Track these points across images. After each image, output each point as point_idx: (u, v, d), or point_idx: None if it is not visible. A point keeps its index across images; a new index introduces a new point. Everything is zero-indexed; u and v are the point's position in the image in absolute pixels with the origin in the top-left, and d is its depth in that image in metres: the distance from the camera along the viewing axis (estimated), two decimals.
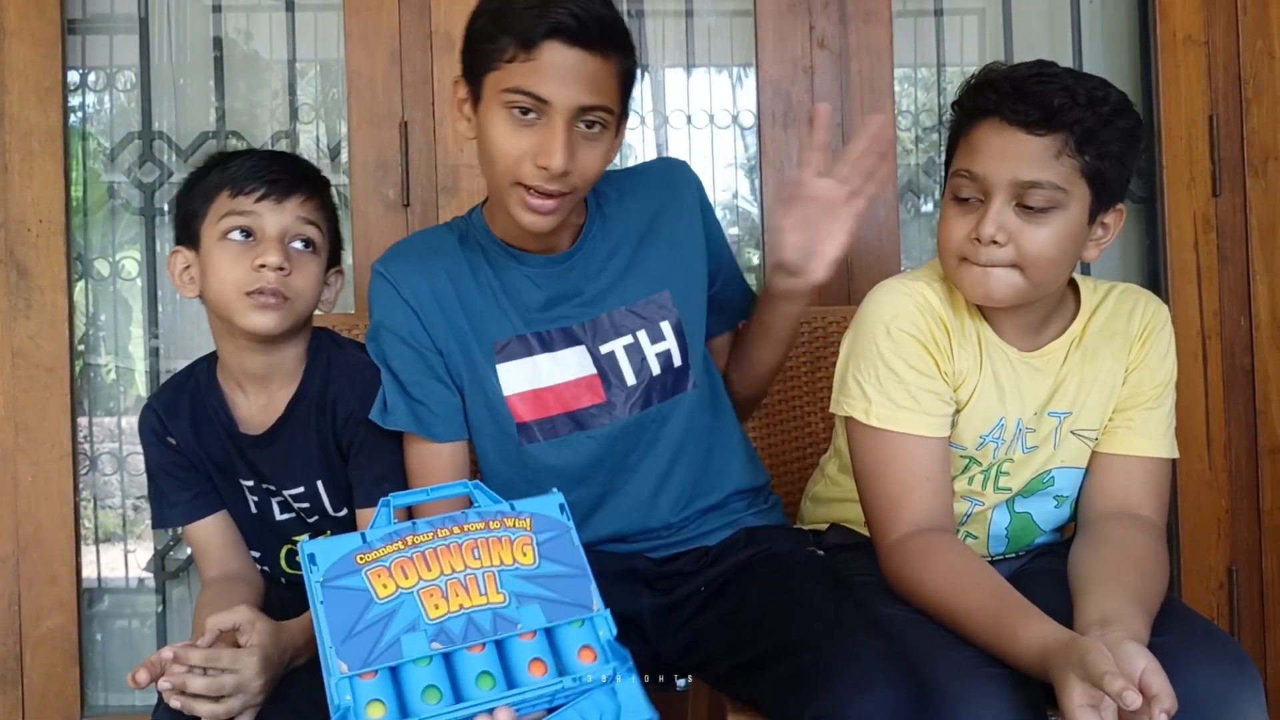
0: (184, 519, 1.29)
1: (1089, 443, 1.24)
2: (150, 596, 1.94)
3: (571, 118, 1.12)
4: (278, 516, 1.30)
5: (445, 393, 1.24)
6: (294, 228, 1.21)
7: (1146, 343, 1.23)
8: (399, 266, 1.25)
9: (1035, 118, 1.09)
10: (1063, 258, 1.13)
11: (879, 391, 1.18)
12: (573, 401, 1.26)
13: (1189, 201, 1.86)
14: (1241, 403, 1.86)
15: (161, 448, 1.29)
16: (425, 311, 1.23)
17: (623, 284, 1.28)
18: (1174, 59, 1.86)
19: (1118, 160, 1.12)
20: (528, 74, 1.11)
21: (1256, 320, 1.86)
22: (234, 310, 1.19)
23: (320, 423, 1.25)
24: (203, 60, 1.93)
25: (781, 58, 1.85)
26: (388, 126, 1.81)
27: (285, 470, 1.27)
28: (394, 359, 1.24)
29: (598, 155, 1.16)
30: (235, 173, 1.21)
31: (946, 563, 1.12)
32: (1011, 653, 1.03)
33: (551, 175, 1.12)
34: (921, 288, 1.21)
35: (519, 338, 1.25)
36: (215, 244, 1.20)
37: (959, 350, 1.20)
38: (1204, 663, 1.02)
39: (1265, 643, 1.86)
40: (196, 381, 1.30)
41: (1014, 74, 1.13)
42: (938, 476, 1.18)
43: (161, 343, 1.94)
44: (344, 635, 0.91)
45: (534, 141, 1.12)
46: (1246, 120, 1.85)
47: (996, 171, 1.11)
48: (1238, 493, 1.87)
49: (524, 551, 0.99)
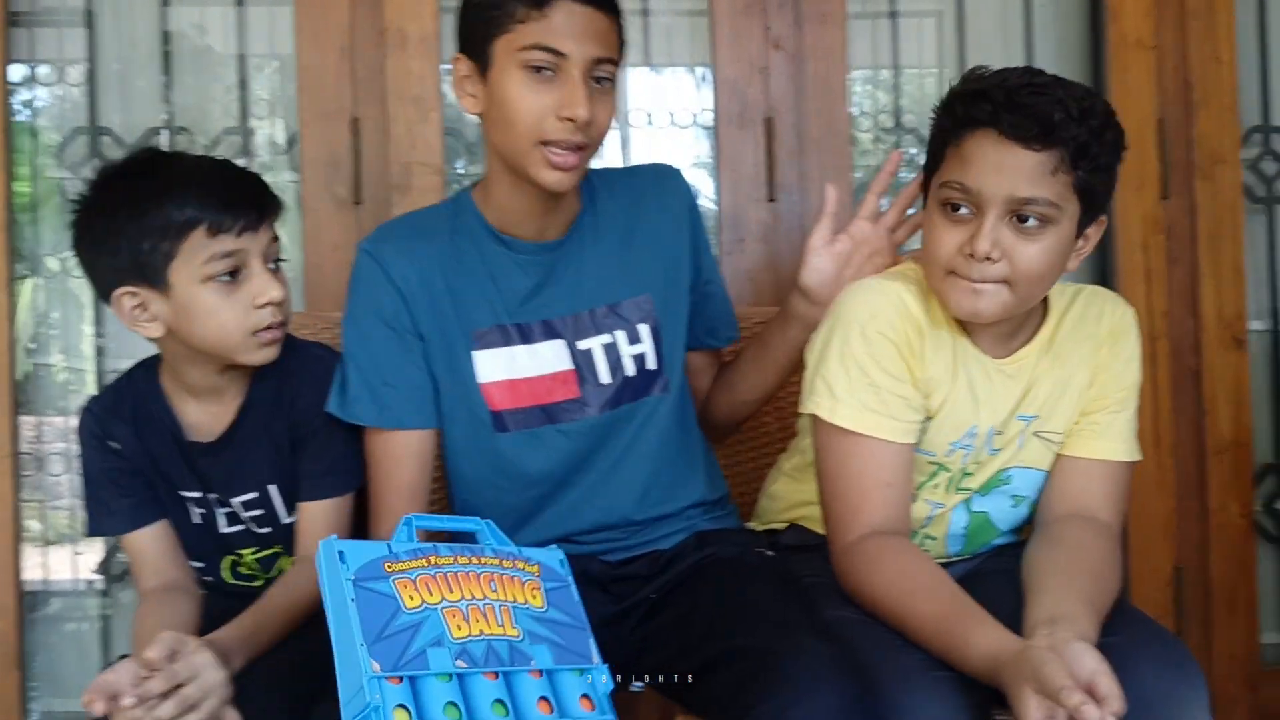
0: (124, 527, 1.25)
1: (1053, 445, 1.24)
2: (97, 599, 1.91)
3: (587, 70, 1.16)
4: (223, 529, 1.27)
5: (420, 379, 1.24)
6: (270, 250, 1.19)
7: (1114, 346, 1.23)
8: (388, 247, 1.25)
9: (1034, 133, 1.06)
10: (1051, 272, 1.13)
11: (849, 392, 1.16)
12: (546, 395, 1.26)
13: (1138, 204, 1.88)
14: (1189, 403, 1.89)
15: (103, 452, 1.25)
16: (411, 293, 1.23)
17: (607, 282, 1.29)
18: (1124, 63, 1.88)
19: (1106, 173, 1.11)
20: (543, 31, 1.14)
21: (1204, 322, 1.88)
22: (236, 351, 1.17)
23: (275, 425, 1.23)
24: (152, 55, 1.90)
25: (737, 58, 1.85)
26: (338, 123, 1.79)
27: (237, 477, 1.24)
28: (374, 344, 1.23)
29: (608, 108, 1.20)
30: (206, 208, 1.13)
31: (898, 567, 1.12)
32: (962, 659, 1.03)
33: (577, 126, 1.15)
34: (899, 289, 1.19)
35: (499, 327, 1.26)
36: (198, 288, 1.14)
37: (933, 356, 1.19)
38: (1150, 663, 1.02)
39: (1211, 641, 1.89)
40: (137, 387, 1.26)
41: (1005, 84, 1.10)
42: (899, 483, 1.17)
43: (108, 341, 1.91)
44: (375, 636, 0.92)
45: (555, 97, 1.15)
46: (1194, 124, 1.88)
47: (992, 186, 1.08)
48: (1185, 492, 1.89)
49: (534, 594, 1.03)
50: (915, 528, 1.24)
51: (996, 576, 1.21)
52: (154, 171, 1.18)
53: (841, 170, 1.86)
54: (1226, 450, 1.89)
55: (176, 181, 1.15)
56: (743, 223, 1.84)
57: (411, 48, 1.79)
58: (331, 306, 1.76)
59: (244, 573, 1.30)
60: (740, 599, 1.18)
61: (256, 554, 1.29)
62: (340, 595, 0.93)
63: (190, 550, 1.30)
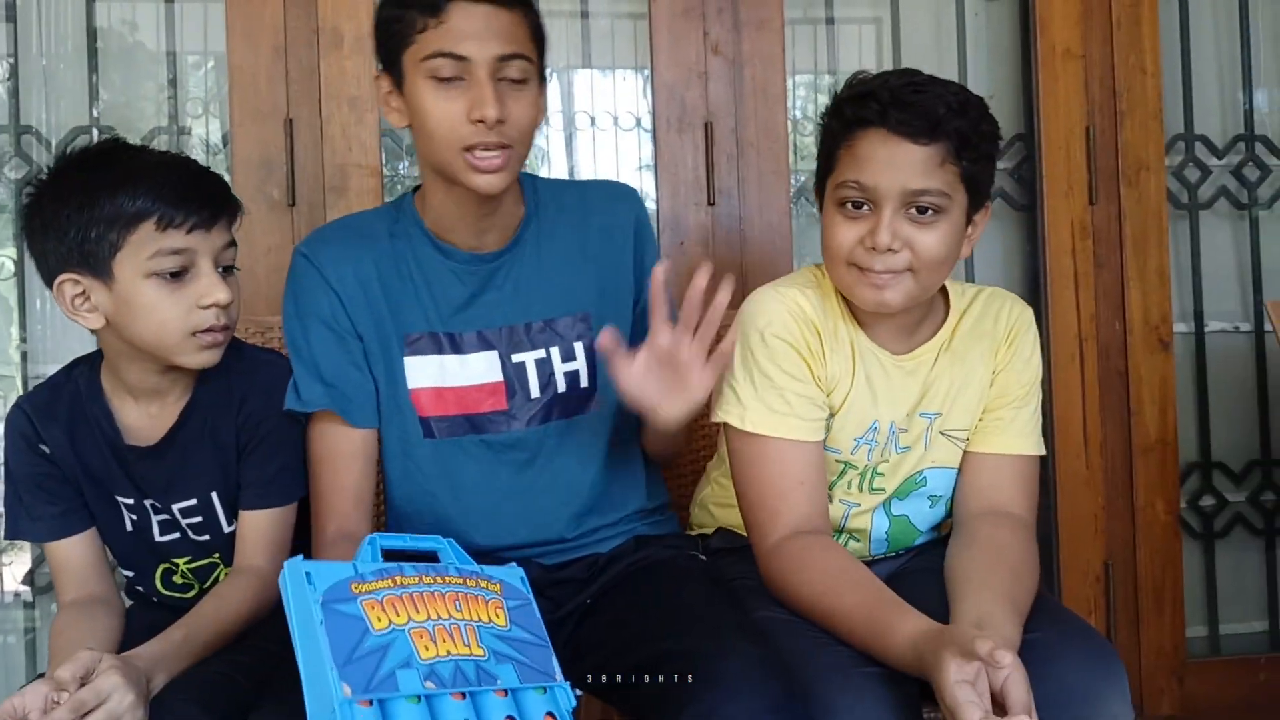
0: (47, 535, 1.21)
1: (959, 443, 1.27)
2: (22, 611, 1.85)
3: (493, 70, 1.14)
4: (159, 537, 1.24)
5: (361, 378, 1.24)
6: (221, 253, 1.16)
7: (1013, 345, 1.26)
8: (325, 250, 1.25)
9: (921, 127, 1.11)
10: (949, 258, 1.17)
11: (755, 398, 1.19)
12: (473, 405, 1.26)
13: (1067, 209, 1.92)
14: (1116, 403, 1.94)
15: (31, 454, 1.21)
16: (348, 296, 1.23)
17: (544, 297, 1.28)
18: (1053, 72, 1.92)
19: (986, 162, 1.17)
20: (441, 37, 1.14)
21: (1130, 324, 1.93)
22: (175, 351, 1.14)
23: (220, 429, 1.20)
24: (80, 51, 1.85)
25: (676, 62, 1.86)
26: (272, 123, 1.76)
27: (176, 482, 1.21)
28: (315, 343, 1.23)
29: (526, 106, 1.17)
30: (158, 201, 1.11)
31: (821, 565, 1.14)
32: (886, 650, 1.04)
33: (489, 126, 1.13)
34: (795, 294, 1.22)
35: (430, 334, 1.25)
36: (142, 282, 1.11)
37: (831, 355, 1.22)
38: (1072, 658, 1.05)
39: (1139, 635, 1.94)
40: (76, 385, 1.22)
41: (889, 84, 1.15)
42: (812, 480, 1.19)
43: (29, 346, 1.85)
44: (345, 659, 0.90)
45: (464, 101, 1.14)
46: (1120, 131, 1.93)
47: (887, 181, 1.13)
48: (1113, 490, 1.94)
49: (497, 613, 1.02)
50: (834, 527, 1.26)
51: (921, 574, 1.23)
52: (112, 161, 1.15)
53: (780, 174, 1.88)
54: (1153, 449, 1.94)
55: (132, 173, 1.12)
56: (682, 226, 1.85)
57: (347, 47, 1.77)
58: (264, 310, 1.73)
59: (178, 583, 1.27)
60: (672, 602, 1.18)
61: (191, 563, 1.26)
62: (308, 618, 0.92)
63: (122, 558, 1.27)
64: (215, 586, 1.21)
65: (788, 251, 1.88)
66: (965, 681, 0.94)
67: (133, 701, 0.98)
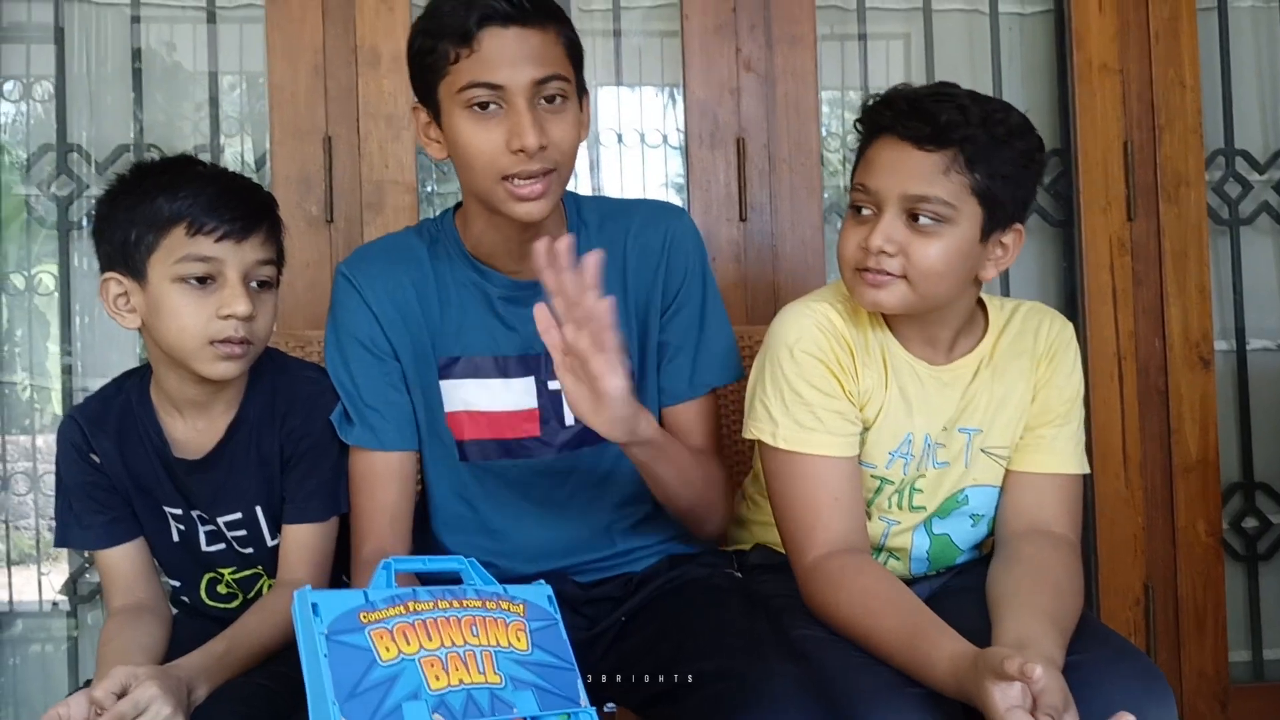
0: (97, 544, 1.23)
1: (1000, 461, 1.26)
2: (63, 620, 1.88)
3: (530, 95, 1.13)
4: (205, 547, 1.25)
5: (399, 399, 1.24)
6: (254, 269, 1.16)
7: (1053, 361, 1.25)
8: (364, 270, 1.24)
9: (925, 133, 1.11)
10: (951, 273, 1.15)
11: (785, 414, 1.19)
12: (508, 430, 1.25)
13: (1104, 225, 1.90)
14: (1156, 422, 1.91)
15: (82, 463, 1.23)
16: (386, 317, 1.23)
17: None
18: (1090, 87, 1.90)
19: (1012, 181, 1.14)
20: (474, 67, 1.12)
21: (1170, 342, 1.91)
22: (194, 358, 1.15)
23: (264, 444, 1.22)
24: (122, 72, 1.89)
25: (708, 80, 1.86)
26: (311, 141, 1.79)
27: (222, 495, 1.22)
28: (352, 362, 1.23)
29: (568, 126, 1.16)
30: (192, 206, 1.13)
31: (860, 585, 1.13)
32: (927, 673, 1.03)
33: (529, 155, 1.12)
34: (824, 308, 1.22)
35: (467, 359, 1.25)
36: (169, 285, 1.14)
37: (863, 369, 1.21)
38: (1118, 680, 1.03)
39: (1180, 659, 1.90)
40: (127, 397, 1.24)
41: (913, 93, 1.16)
42: (848, 496, 1.18)
43: (76, 360, 1.88)
44: (348, 693, 0.89)
45: (503, 130, 1.13)
46: (1159, 147, 1.91)
47: (888, 185, 1.13)
48: (1153, 511, 1.91)
49: (518, 636, 1.00)
50: (874, 545, 1.25)
51: (961, 594, 1.21)
52: (166, 169, 1.19)
53: (812, 190, 1.87)
54: (1194, 469, 1.91)
55: (177, 180, 1.15)
56: (714, 242, 1.85)
57: (384, 66, 1.79)
58: (303, 324, 1.75)
59: (222, 593, 1.29)
60: (710, 620, 1.17)
61: (236, 573, 1.27)
62: (313, 649, 0.91)
63: (168, 568, 1.28)
64: (259, 600, 1.22)
65: (820, 267, 1.87)
66: (1018, 708, 0.93)
67: (170, 712, 0.99)
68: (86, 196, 1.86)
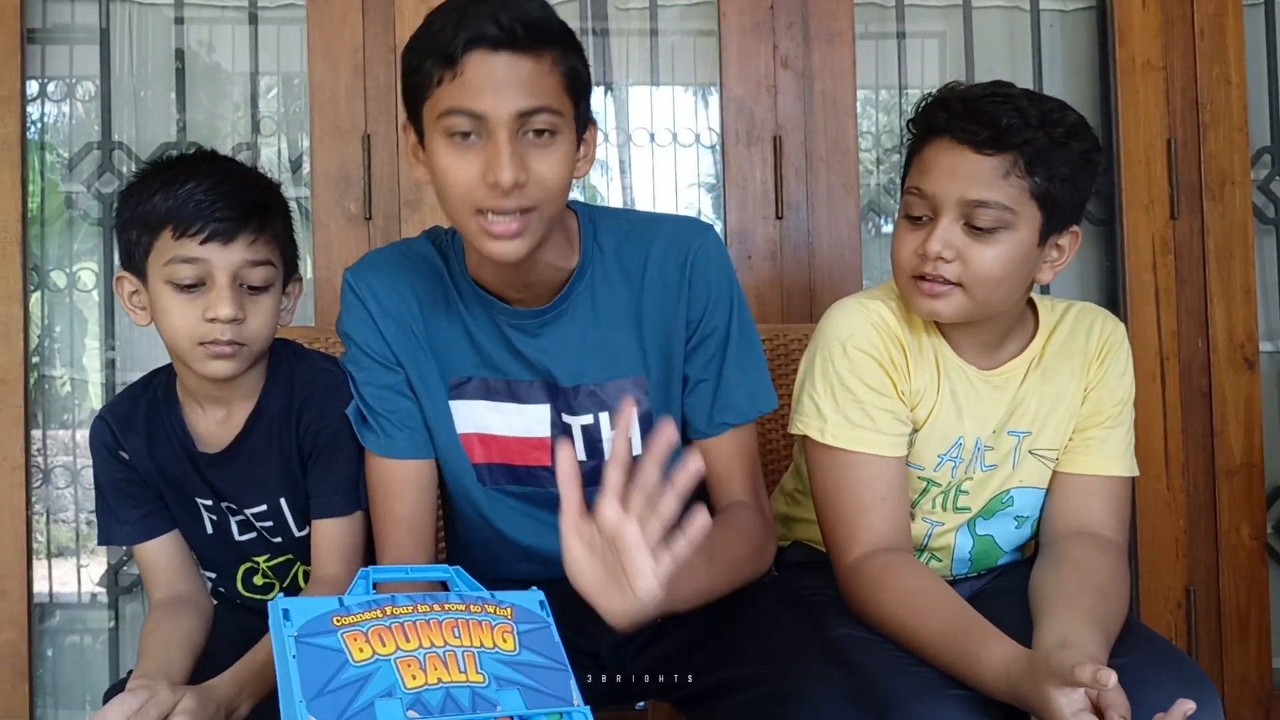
0: (133, 538, 1.24)
1: (1048, 463, 1.24)
2: (103, 612, 1.90)
3: (514, 127, 1.03)
4: (238, 536, 1.26)
5: (409, 407, 1.19)
6: (244, 270, 1.13)
7: (1104, 362, 1.23)
8: (369, 279, 1.19)
9: (984, 137, 1.09)
10: (1010, 278, 1.13)
11: (835, 411, 1.17)
12: (518, 457, 1.21)
13: (1147, 224, 1.88)
14: (1199, 424, 1.88)
15: (113, 462, 1.24)
16: (388, 328, 1.18)
17: (596, 359, 1.19)
18: (1133, 84, 1.88)
19: (1070, 183, 1.12)
20: (457, 92, 1.03)
21: (1214, 342, 1.88)
22: (187, 358, 1.15)
23: (284, 437, 1.21)
24: (164, 72, 1.91)
25: (745, 77, 1.85)
26: (350, 140, 1.80)
27: (246, 488, 1.23)
28: (359, 372, 1.20)
29: (554, 163, 1.06)
30: (181, 207, 1.11)
31: (904, 584, 1.11)
32: (974, 675, 1.02)
33: (504, 191, 1.03)
34: (878, 306, 1.20)
35: (479, 380, 1.20)
36: (162, 288, 1.13)
37: (916, 369, 1.20)
38: (1163, 684, 1.01)
39: (1222, 663, 1.87)
40: (154, 394, 1.25)
41: (969, 94, 1.13)
42: (894, 496, 1.17)
43: (118, 354, 1.91)
44: (316, 691, 0.87)
45: (480, 162, 1.04)
46: (1204, 145, 1.88)
47: (945, 190, 1.11)
48: (1195, 514, 1.88)
49: (504, 638, 0.96)
50: (916, 546, 1.24)
51: (1004, 596, 1.20)
52: (170, 166, 1.17)
53: (849, 188, 1.86)
54: (1238, 472, 1.88)
55: (175, 177, 1.13)
56: (750, 240, 1.85)
57: None
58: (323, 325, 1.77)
59: (259, 583, 1.30)
60: (749, 622, 1.16)
61: (271, 561, 1.28)
62: (282, 653, 0.89)
63: (204, 560, 1.29)
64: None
65: (857, 266, 1.86)
66: (1085, 712, 0.92)
67: None
68: None
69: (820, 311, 1.27)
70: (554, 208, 1.09)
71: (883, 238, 1.99)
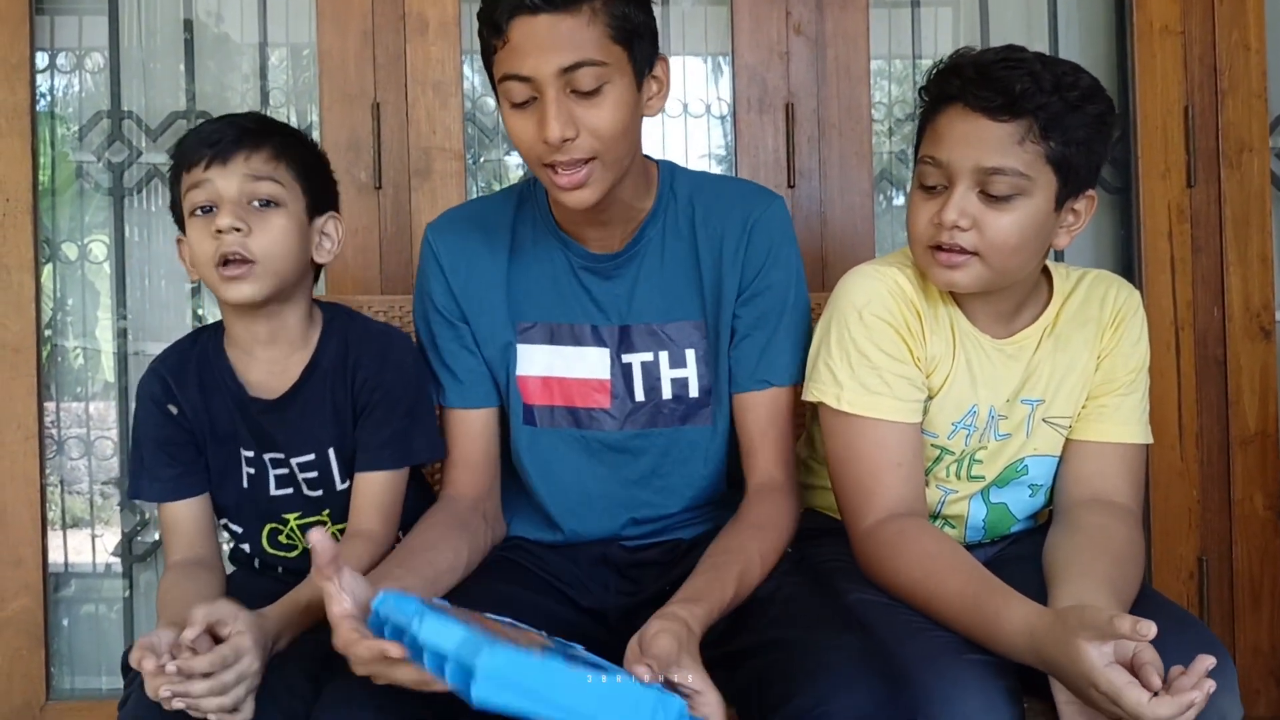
0: (164, 495, 1.26)
1: (1061, 431, 1.24)
2: (117, 581, 1.92)
3: (558, 84, 1.10)
4: (273, 490, 1.28)
5: (473, 361, 1.28)
6: (247, 187, 1.18)
7: (1119, 329, 1.22)
8: (444, 238, 1.28)
9: (998, 103, 1.08)
10: (1027, 245, 1.12)
11: (851, 377, 1.17)
12: (578, 398, 1.27)
13: (1164, 192, 1.86)
14: (1214, 393, 1.87)
15: (158, 416, 1.26)
16: (459, 285, 1.26)
17: (659, 300, 1.26)
18: (1150, 49, 1.85)
19: (1085, 147, 1.11)
20: (508, 58, 1.11)
21: (1229, 311, 1.86)
22: (214, 285, 1.20)
23: (337, 390, 1.25)
24: (173, 42, 1.90)
25: (757, 43, 1.84)
26: (360, 106, 1.79)
27: (296, 437, 1.26)
28: (432, 326, 1.28)
29: (603, 112, 1.12)
30: (186, 146, 1.21)
31: (921, 548, 1.11)
32: (994, 637, 1.02)
33: (555, 146, 1.11)
34: (894, 273, 1.20)
35: (543, 324, 1.27)
36: (189, 224, 1.20)
37: (931, 336, 1.20)
38: (1179, 650, 1.00)
39: (1234, 633, 1.87)
40: (203, 348, 1.28)
41: (980, 59, 1.12)
42: (909, 462, 1.17)
43: (129, 324, 1.91)
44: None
45: (536, 120, 1.12)
46: (1221, 111, 1.86)
47: (960, 158, 1.10)
48: (1209, 483, 1.87)
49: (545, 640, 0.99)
50: (929, 513, 1.24)
51: (1017, 563, 1.20)
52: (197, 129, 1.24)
53: (862, 156, 1.85)
54: (1252, 441, 1.87)
55: (191, 132, 1.23)
56: None
57: (432, 33, 1.78)
58: (352, 289, 1.77)
59: (283, 541, 1.32)
60: (764, 588, 1.16)
61: (301, 519, 1.30)
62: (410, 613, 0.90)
63: (234, 516, 1.31)
64: None
65: (869, 234, 1.85)
66: (1115, 664, 0.92)
67: (259, 668, 1.02)
68: (140, 163, 1.88)
69: (833, 280, 1.26)
70: (616, 152, 1.15)
71: (894, 210, 1.98)
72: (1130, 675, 0.91)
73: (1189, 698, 0.89)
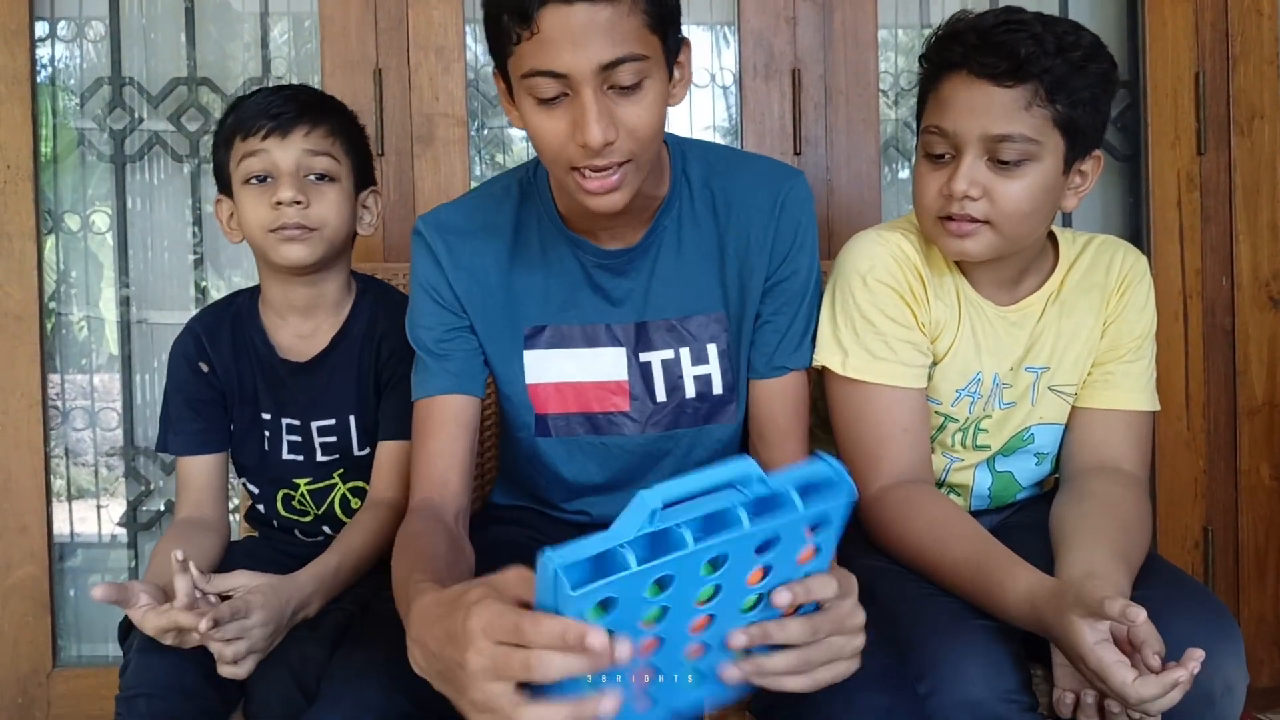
0: (185, 449, 1.29)
1: (1067, 399, 1.23)
2: (123, 552, 1.92)
3: (597, 82, 0.98)
4: (285, 455, 1.31)
5: (467, 346, 1.16)
6: (304, 161, 1.23)
7: (1124, 295, 1.21)
8: (442, 239, 1.16)
9: (1003, 69, 1.06)
10: (1038, 210, 1.11)
11: (856, 343, 1.16)
12: (595, 403, 1.19)
13: (1173, 159, 1.84)
14: (1221, 363, 1.86)
15: (187, 371, 1.30)
16: (461, 288, 1.16)
17: (679, 293, 1.17)
18: (1161, 14, 1.83)
19: (1091, 107, 1.09)
20: (536, 51, 0.98)
21: (1238, 280, 1.85)
22: (266, 248, 1.23)
23: (364, 358, 1.28)
24: (173, 11, 1.88)
25: (764, 8, 1.82)
26: (361, 73, 1.77)
27: (320, 400, 1.29)
28: (424, 314, 1.16)
29: (644, 110, 1.01)
30: (243, 114, 1.23)
31: (927, 515, 1.11)
32: (998, 604, 1.02)
33: (594, 151, 0.99)
34: (898, 238, 1.19)
35: (554, 328, 1.17)
36: (240, 189, 1.23)
37: (936, 301, 1.19)
38: (1185, 617, 1.01)
39: (1239, 603, 1.87)
40: (238, 309, 1.32)
41: (980, 24, 1.09)
42: (916, 428, 1.16)
43: (133, 293, 1.91)
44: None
45: (569, 121, 1.00)
46: (1233, 78, 1.84)
47: (966, 126, 1.08)
48: (1215, 453, 1.87)
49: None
50: (934, 481, 1.23)
51: (1023, 530, 1.19)
52: (248, 97, 1.27)
53: (869, 122, 1.83)
54: (1259, 411, 1.86)
55: (245, 100, 1.26)
56: None
57: None
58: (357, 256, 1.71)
59: (296, 505, 1.34)
60: None
61: (312, 485, 1.32)
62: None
63: (252, 478, 1.34)
64: (356, 517, 1.24)
65: (876, 201, 1.83)
66: (1106, 641, 0.92)
67: (262, 634, 1.04)
68: (140, 130, 1.87)
69: (839, 248, 1.25)
70: (650, 152, 1.05)
71: (899, 183, 1.96)
72: (1119, 654, 0.91)
73: (1173, 676, 0.89)
